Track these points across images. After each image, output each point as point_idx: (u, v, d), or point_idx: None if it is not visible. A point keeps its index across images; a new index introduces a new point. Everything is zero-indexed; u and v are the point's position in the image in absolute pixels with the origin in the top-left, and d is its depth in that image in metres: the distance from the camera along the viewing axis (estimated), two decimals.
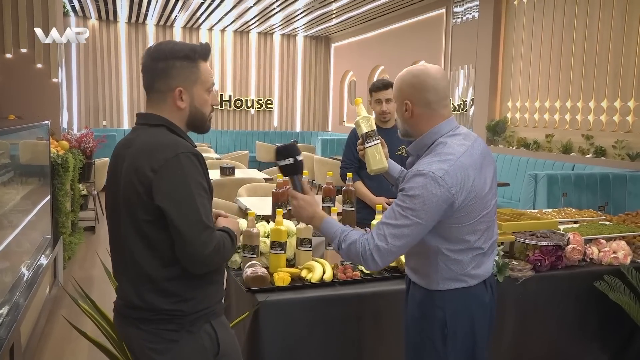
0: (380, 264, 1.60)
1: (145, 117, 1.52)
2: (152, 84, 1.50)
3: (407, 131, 1.78)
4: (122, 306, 1.53)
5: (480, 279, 1.74)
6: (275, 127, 12.66)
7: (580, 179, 4.74)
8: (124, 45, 11.19)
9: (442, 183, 1.56)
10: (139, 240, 1.44)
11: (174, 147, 1.41)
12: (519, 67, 6.88)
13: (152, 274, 1.45)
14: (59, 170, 4.44)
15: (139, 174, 1.40)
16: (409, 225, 1.56)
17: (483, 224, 1.69)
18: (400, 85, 1.74)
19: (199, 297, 1.50)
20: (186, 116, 1.52)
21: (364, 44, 10.96)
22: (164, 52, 1.48)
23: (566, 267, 2.63)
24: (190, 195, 1.39)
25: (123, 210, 1.45)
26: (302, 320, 2.14)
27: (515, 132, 6.96)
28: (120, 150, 1.52)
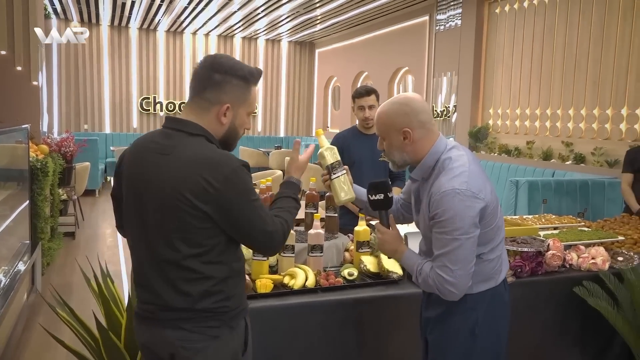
0: (458, 293, 1.67)
1: (184, 124, 1.51)
2: (202, 92, 1.51)
3: (405, 161, 1.80)
4: (157, 310, 1.51)
5: (503, 275, 1.84)
6: (259, 131, 12.63)
7: (560, 185, 4.81)
8: (106, 48, 11.08)
9: (469, 194, 1.62)
10: (188, 248, 1.45)
11: (229, 162, 1.44)
12: (501, 75, 6.97)
13: (201, 277, 1.47)
14: (38, 175, 4.37)
15: (197, 189, 1.41)
16: (460, 245, 1.62)
17: (500, 222, 1.79)
18: (389, 118, 1.76)
19: (239, 292, 1.57)
20: (223, 132, 1.55)
21: (349, 50, 11.00)
22: (224, 67, 1.51)
23: (546, 272, 2.65)
24: (250, 205, 1.46)
25: (168, 219, 1.44)
26: (285, 327, 2.12)
27: (497, 139, 7.04)
28: (150, 155, 1.49)
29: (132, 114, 11.51)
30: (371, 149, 3.30)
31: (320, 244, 2.43)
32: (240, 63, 1.55)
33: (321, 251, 2.44)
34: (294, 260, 2.41)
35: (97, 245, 6.03)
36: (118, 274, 4.95)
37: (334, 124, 11.97)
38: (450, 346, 1.81)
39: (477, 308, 1.79)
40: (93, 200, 8.90)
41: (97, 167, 8.91)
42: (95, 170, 8.80)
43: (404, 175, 3.45)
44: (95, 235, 6.49)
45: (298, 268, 2.35)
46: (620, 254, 2.87)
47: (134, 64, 11.36)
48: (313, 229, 2.44)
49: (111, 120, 11.35)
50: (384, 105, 1.80)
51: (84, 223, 7.11)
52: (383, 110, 1.80)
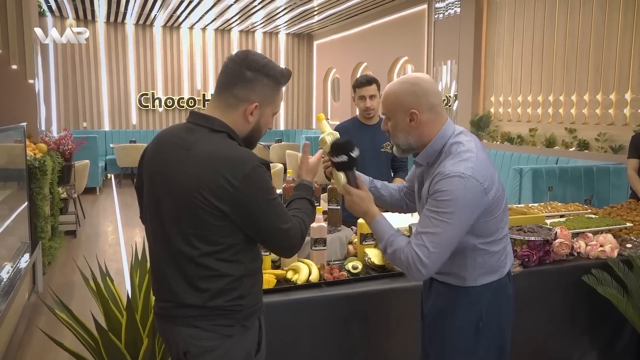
0: (425, 275, 1.59)
1: (208, 120, 1.48)
2: (232, 88, 1.47)
3: (410, 144, 1.73)
4: (171, 307, 1.50)
5: (508, 267, 1.78)
6: None
7: (564, 172, 4.75)
8: (103, 45, 11.01)
9: (473, 181, 1.55)
10: (205, 245, 1.43)
11: (249, 160, 1.41)
12: (502, 62, 6.90)
13: (217, 275, 1.45)
14: (37, 174, 4.32)
15: (215, 186, 1.38)
16: (447, 230, 1.55)
17: (505, 213, 1.72)
18: (397, 98, 1.69)
19: (254, 292, 1.54)
20: (248, 130, 1.52)
21: (347, 41, 10.91)
22: (257, 65, 1.47)
23: (554, 261, 2.61)
24: (268, 204, 1.43)
25: (186, 216, 1.42)
26: (289, 323, 2.08)
27: (499, 127, 6.98)
28: (171, 149, 1.47)
29: (131, 111, 11.46)
30: (373, 139, 3.25)
31: (323, 238, 2.39)
32: (273, 62, 1.52)
33: (324, 245, 2.39)
34: (297, 255, 2.38)
35: (98, 243, 6.00)
36: (120, 271, 4.92)
37: (334, 116, 11.90)
38: (453, 342, 1.76)
39: (481, 301, 1.73)
40: (94, 198, 8.86)
41: (97, 165, 8.87)
42: (95, 167, 8.75)
43: (407, 165, 3.39)
44: (96, 233, 6.46)
45: (301, 262, 2.31)
46: (629, 241, 2.83)
47: (132, 60, 11.29)
48: (315, 222, 2.39)
49: (110, 117, 11.30)
50: (393, 84, 1.73)
51: (85, 221, 7.08)
52: (391, 89, 1.72)
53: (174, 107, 11.68)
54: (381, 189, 2.04)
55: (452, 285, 1.76)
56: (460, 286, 1.74)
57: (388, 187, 2.07)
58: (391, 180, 3.38)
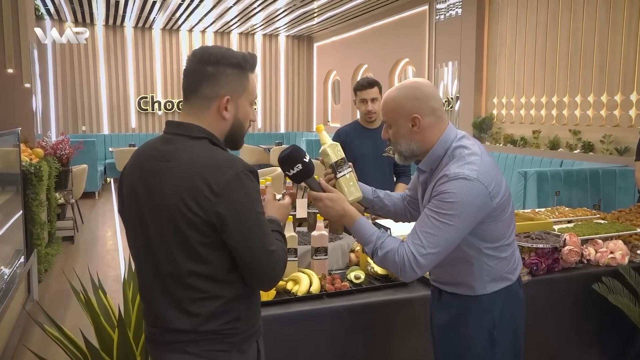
0: (419, 274, 1.55)
1: (186, 128, 1.38)
2: (197, 89, 1.38)
3: (413, 151, 1.67)
4: (160, 332, 1.40)
5: (518, 272, 1.73)
6: (259, 128, 12.50)
7: (570, 175, 4.67)
8: (101, 48, 10.94)
9: (478, 184, 1.51)
10: (192, 263, 1.32)
11: (233, 166, 1.31)
12: (504, 63, 6.82)
13: (207, 297, 1.35)
14: (32, 180, 4.24)
15: (197, 196, 1.28)
16: (447, 232, 1.51)
17: (511, 217, 1.67)
18: (398, 103, 1.64)
19: (251, 313, 1.44)
20: (227, 128, 1.42)
21: (347, 43, 10.85)
22: (215, 57, 1.38)
23: (563, 269, 2.53)
24: (255, 218, 1.32)
25: (168, 231, 1.32)
26: (289, 336, 2.00)
27: (502, 129, 6.90)
28: (150, 162, 1.37)
29: (130, 114, 11.39)
30: (374, 143, 3.17)
31: (324, 247, 2.31)
32: (232, 50, 1.42)
33: (326, 254, 2.32)
34: (297, 264, 2.30)
35: (96, 249, 5.92)
36: (118, 278, 4.84)
37: (334, 119, 11.82)
38: (468, 354, 1.69)
39: (493, 309, 1.68)
40: (92, 202, 8.78)
41: (95, 169, 8.79)
42: (94, 172, 8.68)
43: (410, 170, 3.31)
44: (94, 239, 6.38)
45: (302, 273, 2.23)
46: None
47: (131, 63, 11.22)
48: (317, 231, 2.31)
49: (109, 121, 11.22)
50: (392, 90, 1.68)
51: (83, 226, 6.99)
52: (391, 95, 1.66)
53: (174, 110, 11.60)
54: (384, 199, 1.96)
55: (461, 296, 1.70)
56: (470, 295, 1.68)
57: (391, 196, 1.99)
58: (394, 185, 3.30)
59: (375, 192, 1.97)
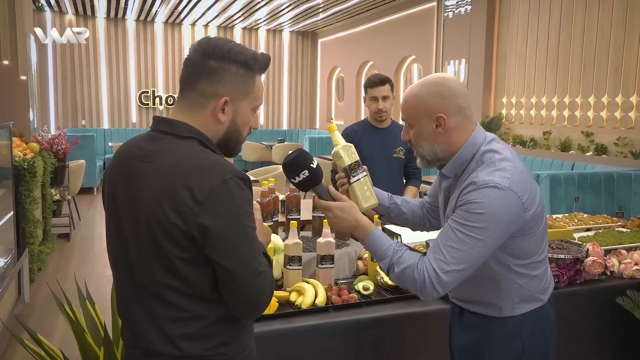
0: (441, 294, 1.39)
1: (173, 126, 1.21)
2: (195, 83, 1.22)
3: (437, 154, 1.50)
4: (140, 355, 1.24)
5: (549, 292, 1.59)
6: (262, 125, 12.32)
7: (583, 178, 4.49)
8: (102, 41, 10.77)
9: (510, 194, 1.36)
10: (170, 279, 1.16)
11: (220, 171, 1.14)
12: (514, 62, 6.64)
13: (188, 317, 1.19)
14: (25, 176, 4.09)
15: (176, 203, 1.12)
16: (474, 247, 1.36)
17: (544, 230, 1.51)
18: (421, 101, 1.47)
19: (241, 337, 1.28)
20: (222, 132, 1.25)
21: (352, 39, 10.67)
22: (221, 50, 1.21)
23: (585, 281, 2.37)
24: (243, 232, 1.16)
25: (146, 241, 1.17)
26: (293, 353, 1.85)
27: (511, 129, 6.72)
28: (132, 162, 1.22)
29: (131, 109, 11.22)
30: (384, 144, 3.01)
31: (331, 254, 2.15)
32: (241, 46, 1.24)
33: (332, 262, 2.16)
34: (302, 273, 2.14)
35: (93, 247, 5.76)
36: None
37: (338, 116, 11.64)
38: None
39: (522, 334, 1.51)
40: (91, 198, 8.62)
41: (94, 164, 8.63)
42: (93, 167, 8.51)
43: (420, 172, 3.15)
44: (91, 237, 6.22)
45: (306, 283, 2.07)
46: None
47: (132, 57, 11.05)
48: (323, 237, 2.15)
49: (109, 115, 11.06)
50: (414, 87, 1.51)
51: (80, 223, 6.84)
52: (413, 91, 1.50)
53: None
54: (402, 206, 1.79)
55: (486, 316, 1.53)
56: (497, 317, 1.51)
57: (409, 203, 1.82)
58: (403, 188, 3.13)
59: (391, 199, 1.79)
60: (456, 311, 1.64)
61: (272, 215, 2.47)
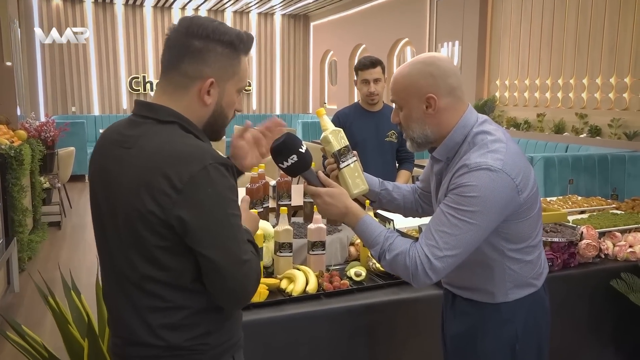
0: (434, 281, 1.36)
1: (153, 109, 1.17)
2: (178, 64, 1.16)
3: (427, 137, 1.46)
4: (124, 345, 1.21)
5: (544, 277, 1.56)
6: (254, 110, 12.23)
7: (577, 160, 4.47)
8: (91, 26, 10.58)
9: (503, 176, 1.32)
10: (150, 268, 1.13)
11: (200, 157, 1.10)
12: (508, 43, 6.57)
13: (169, 307, 1.16)
14: (12, 164, 4.01)
15: (154, 191, 1.08)
16: (467, 231, 1.32)
17: (539, 213, 1.48)
18: (411, 81, 1.42)
19: (226, 326, 1.24)
20: (208, 115, 1.21)
21: (345, 22, 10.54)
22: (205, 30, 1.16)
23: (579, 264, 2.35)
24: (226, 220, 1.11)
25: (124, 230, 1.13)
26: (283, 341, 1.82)
27: (505, 112, 6.68)
28: (113, 148, 1.17)
29: (122, 95, 11.08)
30: (376, 127, 2.96)
31: (322, 241, 2.12)
32: (225, 25, 1.19)
33: (323, 248, 2.13)
34: (292, 260, 2.10)
35: (84, 235, 5.71)
36: None
37: (331, 100, 11.56)
38: None
39: (515, 320, 1.48)
40: (82, 186, 8.54)
41: (85, 151, 8.53)
42: (83, 154, 8.41)
43: (413, 156, 3.11)
44: (82, 224, 6.16)
45: (297, 270, 2.04)
46: None
47: (121, 42, 10.87)
48: (313, 223, 2.12)
49: (100, 101, 10.91)
50: (404, 67, 1.45)
51: (71, 211, 6.77)
52: (403, 71, 1.44)
53: None
54: (393, 192, 1.75)
55: (479, 303, 1.50)
56: (490, 303, 1.49)
57: (400, 188, 1.78)
58: (396, 172, 3.09)
59: (382, 184, 1.75)
60: (449, 297, 1.61)
61: (262, 202, 2.43)
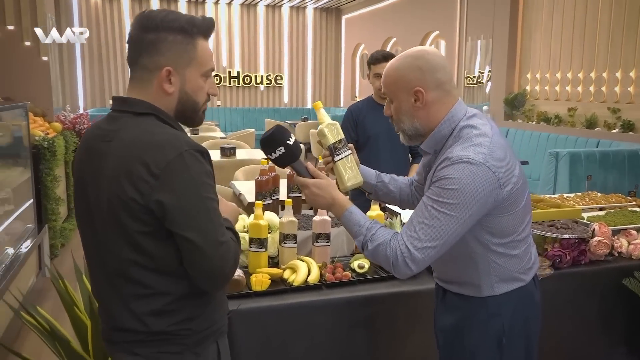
0: (414, 271, 1.37)
1: (129, 103, 1.23)
2: (137, 59, 1.23)
3: (417, 129, 1.48)
4: (110, 330, 1.29)
5: (533, 272, 1.55)
6: (286, 103, 12.32)
7: (605, 157, 4.35)
8: (128, 21, 10.88)
9: (484, 170, 1.33)
10: (134, 256, 1.19)
11: (176, 145, 1.16)
12: (540, 36, 6.42)
13: (151, 293, 1.22)
14: (46, 155, 4.20)
15: (133, 178, 1.14)
16: (447, 223, 1.34)
17: (526, 208, 1.48)
18: (400, 75, 1.45)
19: (207, 311, 1.29)
20: (175, 103, 1.25)
21: (376, 15, 10.49)
22: (154, 22, 1.21)
23: (590, 262, 2.31)
24: (202, 202, 1.17)
25: (108, 219, 1.20)
26: (282, 330, 1.87)
27: (535, 106, 6.54)
28: (94, 143, 1.24)
29: None
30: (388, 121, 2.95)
31: (326, 232, 2.15)
32: (176, 13, 1.24)
33: (328, 240, 2.16)
34: (297, 251, 2.15)
35: None
36: None
37: (362, 93, 11.53)
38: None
39: (502, 313, 1.49)
40: None
41: None
42: None
43: None
44: None
45: (300, 260, 2.08)
46: None
47: None
48: (318, 215, 2.15)
49: None
50: (394, 60, 1.48)
51: None
52: (393, 65, 1.47)
53: None
54: (389, 184, 1.77)
55: (467, 297, 1.52)
56: (477, 297, 1.50)
57: (397, 181, 1.80)
58: (409, 166, 3.09)
59: (379, 177, 1.78)
60: (440, 292, 1.63)
61: (271, 194, 2.48)
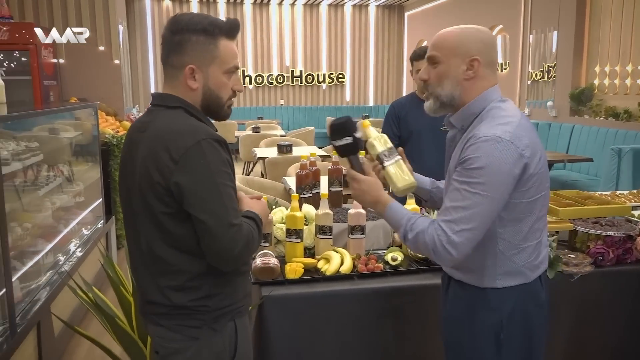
0: (456, 257, 1.37)
1: (162, 98, 1.40)
2: (167, 58, 1.39)
3: (453, 98, 1.47)
4: (142, 303, 1.47)
5: (540, 271, 1.51)
6: (348, 101, 12.39)
7: None
8: None
9: (511, 146, 1.34)
10: (158, 234, 1.34)
11: (194, 134, 1.30)
12: (608, 27, 6.10)
13: (174, 270, 1.36)
14: (114, 151, 4.53)
15: (158, 163, 1.29)
16: (480, 204, 1.34)
17: (544, 201, 1.47)
18: (462, 41, 1.45)
19: (226, 291, 1.41)
20: (200, 98, 1.40)
21: (439, 10, 10.33)
22: (180, 24, 1.37)
23: (637, 261, 2.23)
24: (215, 187, 1.29)
25: (139, 201, 1.35)
26: (312, 317, 1.95)
27: (603, 101, 6.23)
28: (133, 134, 1.41)
29: None
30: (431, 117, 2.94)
31: (361, 225, 2.21)
32: (202, 15, 1.39)
33: (362, 233, 2.22)
34: (332, 242, 2.22)
35: None
36: None
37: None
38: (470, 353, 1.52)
39: (502, 308, 1.46)
40: None
41: None
42: None
43: None
44: None
45: (334, 251, 2.16)
46: None
47: None
48: (353, 209, 2.22)
49: None
50: (455, 28, 1.49)
51: None
52: (453, 31, 1.47)
53: (264, 84, 11.82)
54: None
55: (469, 286, 1.51)
56: (478, 287, 1.48)
57: None
58: None
59: (434, 183, 1.78)
60: (445, 281, 1.63)
61: (311, 187, 2.57)
